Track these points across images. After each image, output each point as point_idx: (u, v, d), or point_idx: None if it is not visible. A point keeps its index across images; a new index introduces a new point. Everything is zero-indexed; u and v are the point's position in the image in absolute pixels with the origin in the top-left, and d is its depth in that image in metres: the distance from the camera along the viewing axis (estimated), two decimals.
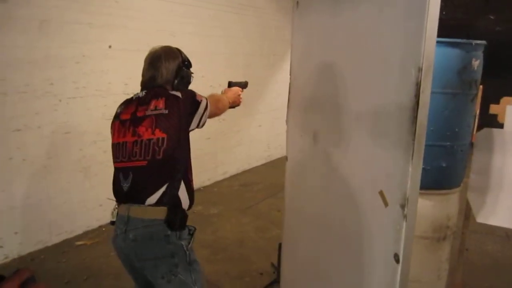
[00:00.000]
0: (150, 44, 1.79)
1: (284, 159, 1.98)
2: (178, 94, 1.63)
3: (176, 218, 1.56)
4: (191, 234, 1.65)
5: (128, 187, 1.60)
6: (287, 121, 2.09)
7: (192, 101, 1.66)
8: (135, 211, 1.57)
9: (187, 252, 1.59)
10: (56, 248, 3.27)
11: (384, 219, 1.21)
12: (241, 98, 2.08)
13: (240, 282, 2.90)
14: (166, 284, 1.56)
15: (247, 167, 5.65)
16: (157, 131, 1.56)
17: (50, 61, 3.08)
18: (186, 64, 1.79)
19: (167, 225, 1.54)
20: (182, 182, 1.61)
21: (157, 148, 1.55)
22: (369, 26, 1.28)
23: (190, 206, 1.65)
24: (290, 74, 1.98)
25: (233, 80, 2.11)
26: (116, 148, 1.67)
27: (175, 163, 1.59)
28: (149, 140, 1.56)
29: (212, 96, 1.84)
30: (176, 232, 1.57)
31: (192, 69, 1.83)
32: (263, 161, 6.00)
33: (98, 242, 3.40)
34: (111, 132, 1.73)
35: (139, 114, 1.62)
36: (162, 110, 1.58)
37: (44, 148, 3.16)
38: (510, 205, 2.05)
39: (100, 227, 3.66)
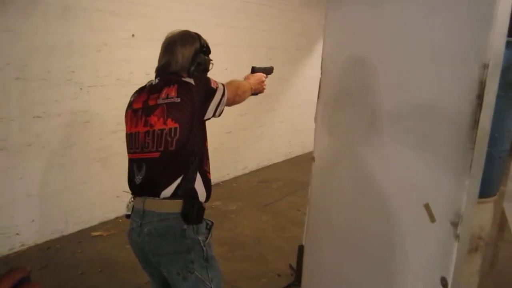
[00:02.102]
0: None
1: (304, 156, 1.84)
2: (191, 81, 1.51)
3: (193, 211, 1.48)
4: (208, 229, 1.56)
5: (142, 179, 1.53)
6: (315, 119, 1.95)
7: (207, 88, 1.53)
8: (150, 204, 1.50)
9: (204, 248, 1.51)
10: (72, 238, 3.25)
11: (429, 237, 1.08)
12: (264, 85, 1.92)
13: (257, 283, 2.81)
14: (182, 281, 1.49)
15: (267, 163, 5.53)
16: (169, 121, 1.46)
17: (72, 48, 3.03)
18: (204, 50, 1.66)
19: (183, 219, 1.47)
20: (198, 174, 1.52)
21: (169, 139, 1.46)
22: (417, 15, 1.13)
23: (207, 199, 1.56)
24: (321, 69, 1.84)
25: (257, 66, 1.96)
26: (129, 139, 1.59)
27: (190, 154, 1.49)
28: (161, 130, 1.47)
29: (231, 82, 1.71)
30: (193, 226, 1.49)
31: (215, 61, 1.71)
32: (283, 158, 5.87)
33: (114, 233, 3.36)
34: (125, 122, 1.65)
35: (150, 103, 1.53)
36: (174, 98, 1.47)
37: (63, 136, 3.12)
38: None
39: (117, 218, 3.62)
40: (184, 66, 1.61)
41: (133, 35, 3.38)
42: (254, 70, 1.95)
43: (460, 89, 0.95)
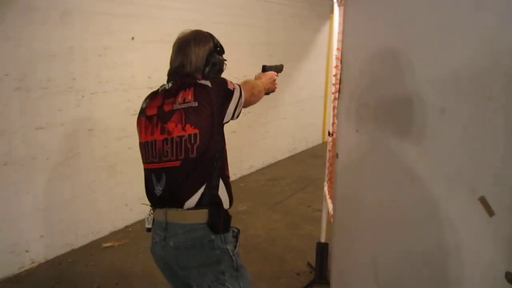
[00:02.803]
0: (174, 35, 1.60)
1: (308, 151, 1.77)
2: (207, 83, 1.44)
3: (220, 220, 1.42)
4: (235, 237, 1.50)
5: (162, 190, 1.45)
6: (337, 115, 1.89)
7: (224, 90, 1.46)
8: (173, 215, 1.42)
9: (234, 258, 1.45)
10: (83, 251, 3.15)
11: (488, 231, 1.01)
12: (276, 84, 1.88)
13: (276, 283, 2.76)
14: None
15: (272, 160, 5.48)
16: (187, 126, 1.39)
17: (72, 54, 2.92)
18: (218, 49, 1.59)
19: (210, 229, 1.40)
20: (221, 180, 1.45)
21: (189, 146, 1.38)
22: None
23: (230, 205, 1.50)
24: (341, 63, 1.77)
25: (268, 64, 1.90)
26: (145, 148, 1.51)
27: (212, 161, 1.42)
28: (180, 137, 1.39)
29: (246, 82, 1.65)
30: (220, 236, 1.42)
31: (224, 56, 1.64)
32: (288, 154, 5.83)
33: (125, 243, 3.27)
34: (138, 130, 1.56)
35: (166, 108, 1.44)
36: (191, 102, 1.40)
37: (67, 146, 3.03)
38: None
39: (126, 227, 3.54)
40: (198, 67, 1.53)
41: (132, 38, 3.28)
42: (265, 69, 1.89)
43: None
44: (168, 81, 1.55)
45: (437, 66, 1.16)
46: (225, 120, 1.48)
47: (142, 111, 1.55)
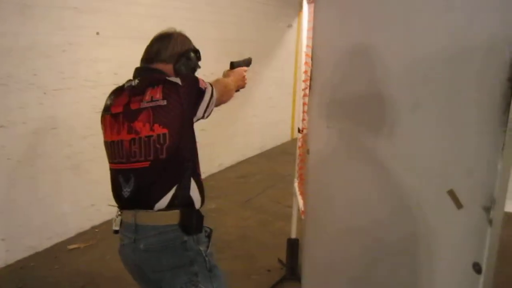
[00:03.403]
0: (140, 31, 1.58)
1: (278, 148, 1.78)
2: (178, 80, 1.40)
3: (192, 220, 1.39)
4: (208, 236, 1.48)
5: (131, 191, 1.40)
6: (308, 112, 1.91)
7: (196, 89, 1.42)
8: (143, 217, 1.38)
9: (207, 258, 1.43)
10: (48, 254, 3.03)
11: (457, 224, 1.05)
12: (246, 80, 1.85)
13: (248, 281, 2.75)
14: None
15: (241, 158, 5.47)
16: (156, 126, 1.34)
17: (34, 49, 2.79)
18: (196, 53, 1.59)
19: (182, 230, 1.37)
20: (192, 180, 1.42)
21: (158, 146, 1.34)
22: None
23: (202, 204, 1.47)
24: (312, 60, 1.79)
25: (236, 60, 1.86)
26: (111, 148, 1.45)
27: (182, 161, 1.39)
28: (148, 137, 1.35)
29: (217, 81, 1.62)
30: (193, 237, 1.39)
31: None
32: (257, 151, 5.84)
33: (92, 245, 3.17)
34: (102, 128, 1.50)
35: (133, 107, 1.39)
36: (160, 101, 1.35)
37: (30, 145, 2.90)
38: None
39: (93, 228, 3.43)
40: (173, 55, 1.50)
41: (97, 33, 3.17)
42: (233, 65, 1.85)
43: (491, 72, 0.92)
44: (134, 77, 1.50)
45: (408, 63, 1.19)
46: (194, 120, 1.44)
47: (107, 109, 1.48)
